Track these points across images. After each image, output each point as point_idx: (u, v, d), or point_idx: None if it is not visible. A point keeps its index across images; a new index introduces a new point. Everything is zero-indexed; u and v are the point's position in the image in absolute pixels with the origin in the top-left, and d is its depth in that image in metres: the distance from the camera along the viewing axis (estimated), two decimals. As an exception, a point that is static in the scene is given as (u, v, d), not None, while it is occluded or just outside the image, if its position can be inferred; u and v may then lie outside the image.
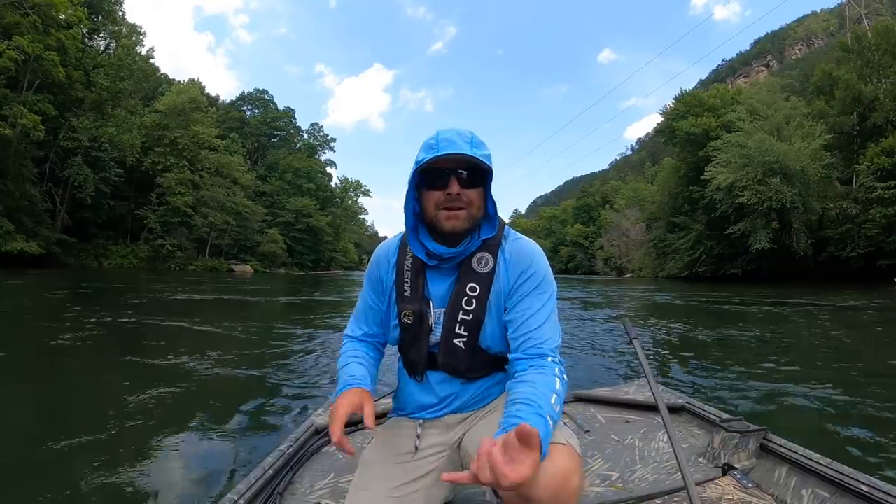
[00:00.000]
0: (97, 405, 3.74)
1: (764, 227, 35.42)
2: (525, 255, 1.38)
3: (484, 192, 1.34)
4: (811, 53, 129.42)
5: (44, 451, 2.78)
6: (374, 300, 1.50)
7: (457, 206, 1.30)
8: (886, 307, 14.32)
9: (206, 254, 52.01)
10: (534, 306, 1.32)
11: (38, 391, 4.07)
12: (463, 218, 1.31)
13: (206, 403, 3.89)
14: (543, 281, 1.36)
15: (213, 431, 3.24)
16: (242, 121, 72.96)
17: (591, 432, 2.39)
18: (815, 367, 5.63)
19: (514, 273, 1.36)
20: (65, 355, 5.59)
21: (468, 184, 1.29)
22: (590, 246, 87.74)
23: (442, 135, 1.29)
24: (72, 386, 4.25)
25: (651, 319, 11.21)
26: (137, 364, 5.39)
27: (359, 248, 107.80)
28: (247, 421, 3.50)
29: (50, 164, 37.34)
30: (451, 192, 1.28)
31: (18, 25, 30.85)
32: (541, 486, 1.03)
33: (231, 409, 3.75)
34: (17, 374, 4.73)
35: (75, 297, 13.68)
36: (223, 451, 2.92)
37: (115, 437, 3.08)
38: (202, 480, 2.51)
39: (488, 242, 1.38)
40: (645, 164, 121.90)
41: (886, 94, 34.37)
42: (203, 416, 3.56)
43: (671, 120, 49.82)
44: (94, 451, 2.83)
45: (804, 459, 1.79)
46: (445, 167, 1.28)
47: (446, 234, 1.32)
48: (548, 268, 1.39)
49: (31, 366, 5.02)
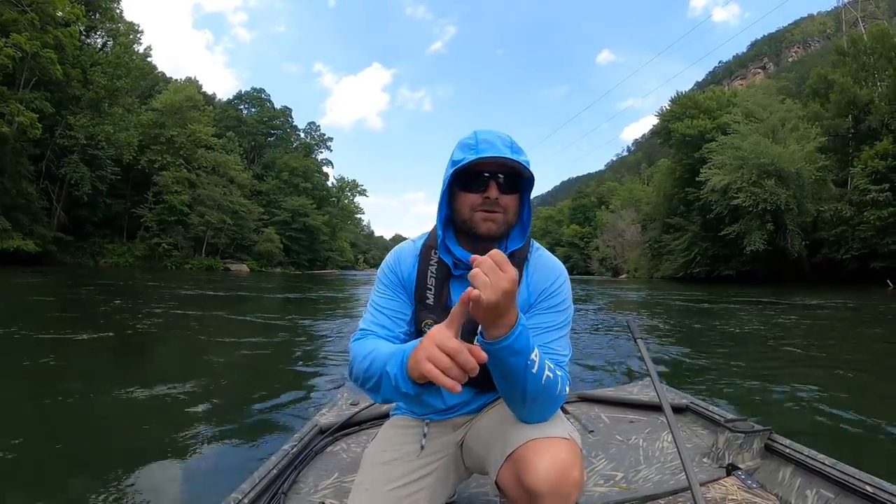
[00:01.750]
0: (98, 405, 3.72)
1: (759, 229, 35.48)
2: (549, 272, 1.35)
3: (520, 199, 1.30)
4: (808, 56, 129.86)
5: (45, 451, 2.78)
6: (393, 302, 1.40)
7: (494, 210, 1.26)
8: (883, 309, 14.39)
9: (202, 252, 51.83)
10: (549, 323, 1.29)
11: (36, 391, 4.03)
12: (500, 222, 1.27)
13: (210, 403, 3.86)
14: (563, 301, 1.33)
15: (216, 430, 3.23)
16: (239, 119, 72.69)
17: (595, 432, 2.38)
18: (815, 368, 5.65)
19: (536, 289, 1.33)
20: (63, 355, 5.54)
21: (506, 189, 1.25)
22: (586, 246, 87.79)
23: (481, 135, 1.25)
24: (71, 385, 4.20)
25: (649, 320, 11.22)
26: (139, 363, 5.38)
27: (355, 247, 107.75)
28: (251, 420, 3.50)
29: (47, 162, 37.20)
30: (490, 196, 1.24)
31: (16, 22, 30.70)
32: (543, 478, 1.06)
33: (235, 409, 3.74)
34: (16, 373, 4.68)
35: (74, 296, 13.59)
36: (227, 451, 2.91)
37: (118, 436, 3.08)
38: (206, 479, 2.51)
39: (515, 255, 1.32)
40: (641, 165, 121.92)
41: (881, 97, 34.54)
42: (207, 416, 3.55)
43: (667, 121, 50.10)
44: (95, 450, 2.83)
45: (809, 460, 1.79)
46: (485, 170, 1.24)
47: (482, 236, 1.28)
48: (569, 288, 1.37)
49: (31, 365, 4.96)
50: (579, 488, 1.10)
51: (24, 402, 3.70)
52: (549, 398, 1.15)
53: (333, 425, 2.31)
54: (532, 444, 1.12)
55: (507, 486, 1.16)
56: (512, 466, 1.13)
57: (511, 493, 1.16)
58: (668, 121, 49.81)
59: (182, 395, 4.04)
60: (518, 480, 1.11)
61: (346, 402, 2.72)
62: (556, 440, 1.12)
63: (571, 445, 1.13)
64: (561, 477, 1.07)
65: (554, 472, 1.06)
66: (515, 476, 1.12)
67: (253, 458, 2.73)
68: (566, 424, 1.21)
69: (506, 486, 1.17)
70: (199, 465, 2.68)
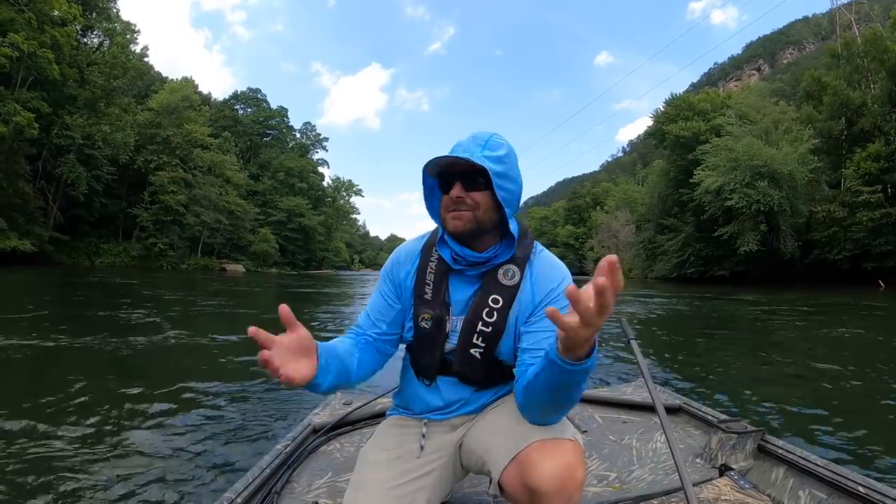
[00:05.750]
0: (89, 404, 3.65)
1: (752, 230, 35.59)
2: (554, 273, 1.34)
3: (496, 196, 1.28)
4: (802, 58, 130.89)
5: (36, 451, 2.75)
6: (390, 298, 1.43)
7: (460, 209, 1.27)
8: (874, 309, 14.48)
9: (198, 252, 51.83)
10: (550, 326, 1.21)
11: (33, 391, 3.96)
12: (466, 219, 1.27)
13: (203, 402, 3.83)
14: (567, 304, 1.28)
15: (209, 430, 3.20)
16: (235, 119, 72.67)
17: (588, 432, 2.38)
18: (810, 369, 5.68)
19: (541, 290, 1.31)
20: (61, 354, 5.51)
21: (472, 186, 1.26)
22: (580, 247, 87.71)
23: (462, 140, 1.29)
24: (64, 384, 4.12)
25: (645, 319, 11.25)
26: (131, 363, 5.31)
27: (350, 247, 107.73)
28: (244, 420, 3.46)
29: (43, 162, 37.11)
30: (452, 195, 1.26)
31: (13, 22, 30.63)
32: (549, 478, 1.09)
33: (228, 408, 3.70)
34: (14, 373, 4.64)
35: (71, 295, 13.54)
36: (220, 450, 2.88)
37: (109, 436, 3.03)
38: (199, 479, 2.49)
39: (517, 255, 1.34)
40: (636, 166, 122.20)
41: (874, 99, 34.88)
42: (200, 415, 3.50)
43: (661, 123, 50.18)
44: (87, 450, 2.79)
45: (801, 460, 1.79)
46: (451, 171, 1.27)
47: (452, 235, 1.31)
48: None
49: (30, 365, 4.92)
50: (582, 489, 1.13)
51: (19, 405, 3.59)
52: (571, 407, 1.18)
53: (327, 425, 2.32)
54: (538, 446, 1.14)
55: (511, 486, 1.17)
56: (517, 467, 1.15)
57: (514, 494, 1.18)
58: (663, 123, 49.94)
59: (174, 394, 4.01)
60: (523, 481, 1.13)
61: (340, 402, 2.72)
62: (561, 441, 1.15)
63: (575, 447, 1.16)
64: (566, 477, 1.09)
65: (560, 473, 1.09)
66: (520, 476, 1.14)
67: (246, 457, 2.75)
68: (569, 426, 1.23)
69: (509, 487, 1.18)
70: (193, 464, 2.67)
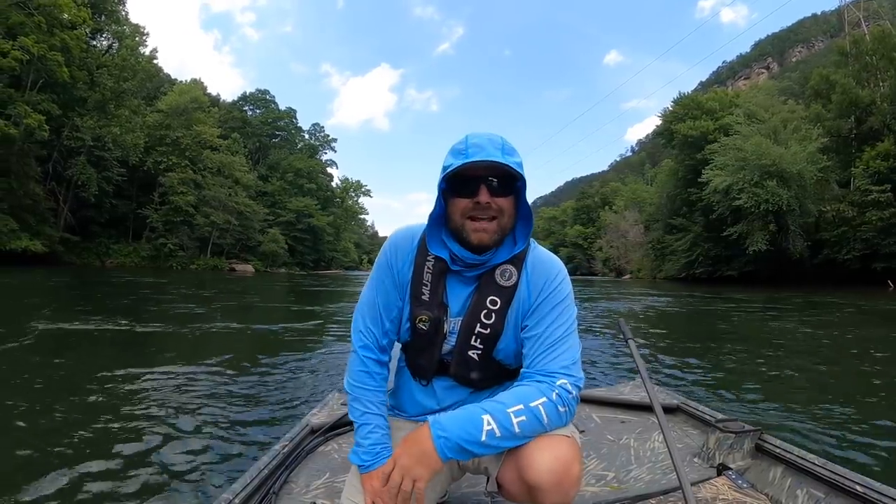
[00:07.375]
0: (90, 404, 3.68)
1: (760, 230, 35.30)
2: (547, 269, 1.32)
3: (515, 201, 1.27)
4: (811, 56, 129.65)
5: (35, 450, 2.76)
6: (391, 294, 1.38)
7: (486, 215, 1.23)
8: (883, 310, 14.36)
9: (207, 253, 52.07)
10: (552, 325, 1.27)
11: (33, 391, 3.98)
12: (492, 231, 1.24)
13: (202, 402, 3.82)
14: (566, 297, 1.31)
15: (208, 430, 3.21)
16: (244, 121, 72.89)
17: (586, 432, 2.37)
18: (810, 369, 5.66)
19: (536, 289, 1.30)
20: (61, 354, 5.54)
21: (499, 192, 1.23)
22: (589, 247, 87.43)
23: (471, 139, 1.24)
24: (66, 385, 4.17)
25: (647, 319, 11.27)
26: (133, 362, 5.28)
27: (359, 248, 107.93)
28: (243, 420, 3.48)
29: (53, 163, 37.48)
30: (481, 200, 1.21)
31: (23, 25, 30.94)
32: (545, 473, 1.11)
33: (227, 409, 3.72)
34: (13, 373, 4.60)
35: (78, 295, 13.70)
36: (219, 450, 2.90)
37: (109, 436, 3.04)
38: (197, 479, 2.49)
39: (515, 255, 1.32)
40: (644, 165, 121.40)
41: (883, 98, 34.47)
42: (198, 415, 3.51)
43: (670, 123, 49.92)
44: (87, 450, 2.80)
45: (799, 460, 1.79)
46: (475, 174, 1.21)
47: (473, 246, 1.26)
48: (570, 284, 1.34)
49: (29, 365, 4.92)
50: (578, 485, 1.15)
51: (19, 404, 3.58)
52: (537, 431, 1.15)
53: (325, 425, 2.31)
54: (534, 441, 1.15)
55: (509, 482, 1.20)
56: (514, 463, 1.16)
57: (512, 490, 1.20)
58: (671, 122, 49.67)
59: (173, 394, 4.02)
60: (520, 476, 1.14)
61: (338, 403, 2.73)
62: (558, 437, 1.16)
63: (572, 443, 1.17)
64: (563, 472, 1.11)
65: (557, 468, 1.11)
66: (517, 472, 1.15)
67: (244, 458, 2.77)
68: (567, 424, 1.24)
69: (507, 483, 1.21)
70: (191, 464, 2.68)
